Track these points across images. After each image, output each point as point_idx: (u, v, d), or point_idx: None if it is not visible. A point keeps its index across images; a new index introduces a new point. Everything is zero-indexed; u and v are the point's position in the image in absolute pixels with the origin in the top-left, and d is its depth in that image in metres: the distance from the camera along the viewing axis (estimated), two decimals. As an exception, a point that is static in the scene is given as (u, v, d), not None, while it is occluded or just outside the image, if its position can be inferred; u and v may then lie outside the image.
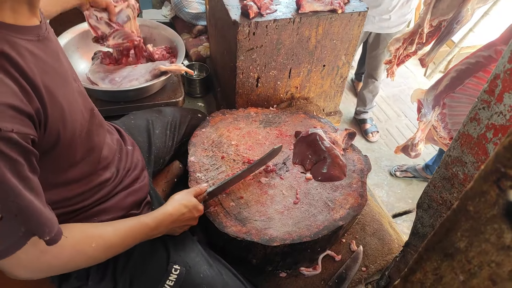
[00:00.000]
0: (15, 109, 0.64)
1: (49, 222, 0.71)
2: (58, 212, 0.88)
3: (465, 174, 0.78)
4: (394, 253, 1.32)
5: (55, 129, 0.75)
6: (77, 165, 0.89)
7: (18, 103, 0.64)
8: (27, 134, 0.66)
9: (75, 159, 0.87)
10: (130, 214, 1.05)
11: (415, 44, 1.57)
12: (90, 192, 0.96)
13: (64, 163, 0.85)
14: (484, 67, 1.22)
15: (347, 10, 1.58)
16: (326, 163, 1.33)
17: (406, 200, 2.44)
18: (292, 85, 1.82)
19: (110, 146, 1.04)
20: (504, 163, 0.34)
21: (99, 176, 0.98)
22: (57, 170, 0.85)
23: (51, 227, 0.72)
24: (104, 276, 0.99)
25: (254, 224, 1.15)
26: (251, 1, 1.49)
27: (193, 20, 2.62)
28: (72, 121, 0.81)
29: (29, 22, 0.74)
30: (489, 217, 0.38)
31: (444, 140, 1.46)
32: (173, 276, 1.00)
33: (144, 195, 1.13)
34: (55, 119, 0.75)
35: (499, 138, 0.67)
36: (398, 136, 2.87)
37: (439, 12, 1.42)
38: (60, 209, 0.90)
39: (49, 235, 0.71)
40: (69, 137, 0.80)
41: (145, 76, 1.71)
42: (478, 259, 0.41)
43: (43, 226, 0.70)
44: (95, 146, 0.95)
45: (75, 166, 0.89)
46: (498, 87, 0.64)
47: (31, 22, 0.74)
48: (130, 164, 1.12)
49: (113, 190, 1.03)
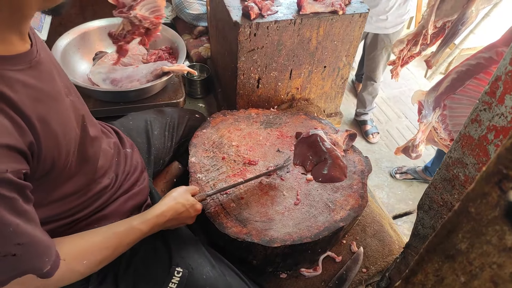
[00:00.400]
0: (8, 148, 0.63)
1: (47, 250, 0.71)
2: (57, 224, 0.88)
3: (466, 175, 0.78)
4: (395, 254, 1.32)
5: (49, 158, 0.74)
6: (72, 179, 0.87)
7: (11, 141, 0.63)
8: (20, 170, 0.65)
9: (69, 174, 0.85)
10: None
11: (419, 45, 1.57)
12: (89, 201, 0.95)
13: (58, 180, 0.83)
14: (485, 69, 1.22)
15: (348, 12, 1.58)
16: (326, 164, 1.33)
17: (406, 201, 2.43)
18: (293, 86, 1.82)
19: (107, 152, 1.02)
20: (506, 165, 0.34)
21: (97, 184, 0.96)
22: (52, 189, 0.83)
23: (50, 254, 0.71)
24: (105, 280, 0.99)
25: (254, 225, 1.15)
26: (252, 2, 1.49)
27: (194, 21, 2.62)
28: (67, 143, 0.79)
29: (20, 49, 0.71)
30: (491, 218, 0.38)
31: (445, 141, 1.46)
32: (176, 279, 0.99)
33: (144, 198, 1.12)
34: (49, 148, 0.73)
35: (501, 139, 0.67)
36: (398, 138, 2.86)
37: (443, 13, 1.42)
38: (59, 221, 0.88)
39: (48, 263, 0.71)
40: (63, 159, 0.79)
41: (147, 76, 1.71)
42: (479, 261, 0.41)
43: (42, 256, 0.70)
44: (90, 157, 0.92)
45: (70, 180, 0.86)
46: (500, 88, 0.64)
47: (22, 49, 0.72)
48: (130, 167, 1.10)
49: (113, 195, 1.02)
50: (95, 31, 1.95)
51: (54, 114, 0.76)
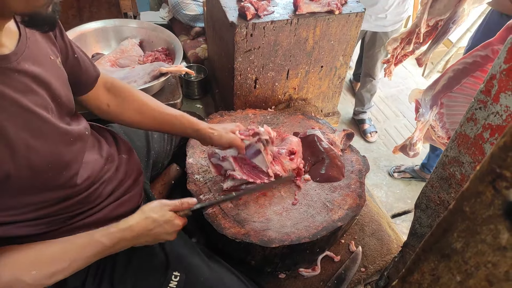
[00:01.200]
0: None
1: None
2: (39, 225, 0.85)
3: (462, 174, 0.78)
4: (393, 253, 1.32)
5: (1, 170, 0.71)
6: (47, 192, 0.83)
7: None
8: None
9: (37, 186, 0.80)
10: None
11: (413, 43, 1.58)
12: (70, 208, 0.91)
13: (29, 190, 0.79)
14: (481, 67, 1.22)
15: (344, 11, 1.58)
16: (324, 164, 1.33)
17: (405, 200, 2.44)
18: (290, 86, 1.82)
19: (96, 161, 0.97)
20: (499, 164, 0.34)
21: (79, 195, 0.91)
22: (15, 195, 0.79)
23: None
24: (101, 284, 0.97)
25: (252, 225, 1.15)
26: (248, 2, 1.49)
27: (191, 22, 2.62)
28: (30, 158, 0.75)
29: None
30: (485, 217, 0.38)
31: (442, 139, 1.46)
32: (173, 283, 0.99)
33: (134, 205, 1.08)
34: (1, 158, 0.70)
35: (496, 138, 0.67)
36: (396, 136, 2.87)
37: (436, 12, 1.42)
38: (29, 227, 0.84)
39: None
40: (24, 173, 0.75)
41: (144, 78, 1.71)
42: (474, 260, 0.41)
43: None
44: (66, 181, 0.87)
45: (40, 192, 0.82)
46: (494, 87, 0.64)
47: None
48: (124, 174, 1.07)
49: (100, 204, 0.98)
50: (91, 33, 1.94)
51: (17, 124, 0.72)
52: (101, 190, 0.98)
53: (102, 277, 0.98)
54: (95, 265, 0.97)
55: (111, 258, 0.98)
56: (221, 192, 1.23)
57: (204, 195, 1.22)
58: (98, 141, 1.05)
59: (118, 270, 0.99)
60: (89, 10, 2.40)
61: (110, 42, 2.02)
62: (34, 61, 0.79)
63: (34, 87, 0.78)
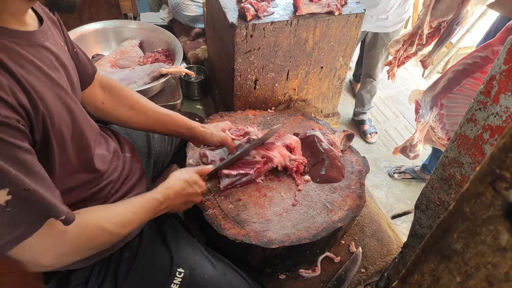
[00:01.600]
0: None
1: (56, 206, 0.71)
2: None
3: (462, 175, 0.78)
4: (393, 254, 1.32)
5: (42, 128, 0.74)
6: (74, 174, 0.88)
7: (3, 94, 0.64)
8: (15, 119, 0.66)
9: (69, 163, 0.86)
10: None
11: (415, 45, 1.57)
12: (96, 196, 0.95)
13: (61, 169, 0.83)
14: (481, 68, 1.22)
15: (344, 12, 1.59)
16: (324, 164, 1.33)
17: (405, 201, 2.44)
18: (290, 87, 1.82)
19: (105, 157, 1.02)
20: (499, 165, 0.34)
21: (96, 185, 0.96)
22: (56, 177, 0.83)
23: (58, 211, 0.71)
24: (104, 281, 0.98)
25: (252, 226, 1.15)
26: (248, 3, 1.49)
27: (191, 23, 2.63)
28: (60, 124, 0.79)
29: (20, 27, 0.73)
30: (485, 218, 0.38)
31: (442, 140, 1.46)
32: (178, 280, 1.00)
33: None
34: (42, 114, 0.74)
35: (496, 139, 0.67)
36: (396, 137, 2.87)
37: (439, 13, 1.42)
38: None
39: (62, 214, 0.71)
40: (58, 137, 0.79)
41: (144, 79, 1.71)
42: (474, 261, 0.41)
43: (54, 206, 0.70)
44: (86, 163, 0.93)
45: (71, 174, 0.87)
46: (494, 88, 0.64)
47: (22, 28, 0.74)
48: (128, 171, 1.10)
49: (109, 199, 1.01)
50: (91, 34, 1.95)
51: (49, 93, 0.76)
52: (113, 184, 1.02)
53: (106, 275, 0.99)
54: (99, 264, 0.99)
55: (116, 257, 1.00)
56: (220, 193, 1.23)
57: (204, 195, 1.22)
58: (104, 138, 1.08)
59: (122, 268, 1.00)
60: (89, 11, 2.40)
61: (110, 43, 2.02)
62: (53, 43, 0.83)
63: (57, 66, 0.82)
